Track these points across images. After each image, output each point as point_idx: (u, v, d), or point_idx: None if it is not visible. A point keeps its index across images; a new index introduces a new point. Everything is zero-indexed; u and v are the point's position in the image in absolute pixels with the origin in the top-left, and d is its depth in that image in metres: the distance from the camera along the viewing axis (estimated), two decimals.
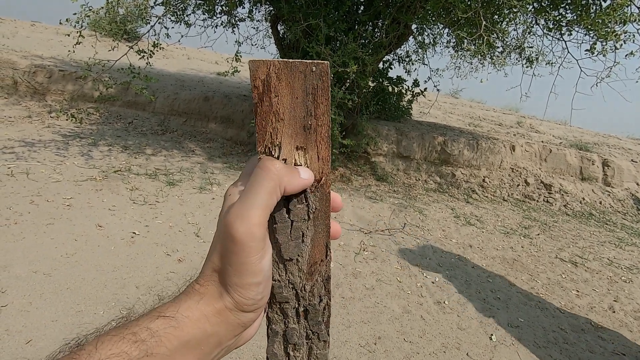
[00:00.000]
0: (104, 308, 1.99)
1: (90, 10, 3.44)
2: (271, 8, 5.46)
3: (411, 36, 5.74)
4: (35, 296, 1.98)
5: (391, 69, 6.14)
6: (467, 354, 2.09)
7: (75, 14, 3.43)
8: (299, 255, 0.37)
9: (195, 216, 3.22)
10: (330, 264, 0.39)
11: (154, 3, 4.22)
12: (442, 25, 5.79)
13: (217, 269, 0.32)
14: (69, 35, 3.69)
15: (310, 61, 0.34)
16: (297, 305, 0.38)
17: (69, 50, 3.96)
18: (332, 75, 4.22)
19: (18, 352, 1.63)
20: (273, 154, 0.36)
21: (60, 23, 3.53)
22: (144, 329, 0.29)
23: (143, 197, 3.38)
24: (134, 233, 2.77)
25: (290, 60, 0.34)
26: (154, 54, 4.31)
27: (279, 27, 5.66)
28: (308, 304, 0.39)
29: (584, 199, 5.60)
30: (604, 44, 4.28)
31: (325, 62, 0.34)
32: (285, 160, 0.36)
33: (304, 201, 0.36)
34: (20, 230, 2.52)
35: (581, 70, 4.60)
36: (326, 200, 0.37)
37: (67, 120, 5.27)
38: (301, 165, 0.36)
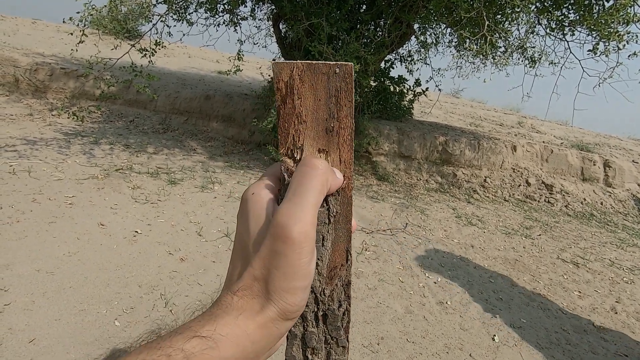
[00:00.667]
0: (107, 307, 1.98)
1: (93, 8, 3.43)
2: (273, 7, 5.45)
3: (413, 36, 5.73)
4: (38, 295, 1.98)
5: (393, 68, 6.14)
6: (469, 355, 2.09)
7: (78, 12, 3.42)
8: (318, 259, 0.37)
9: (197, 215, 3.21)
10: (351, 269, 0.38)
11: (156, 1, 4.21)
12: (444, 25, 5.78)
13: (259, 276, 0.30)
14: (71, 34, 3.68)
15: (334, 63, 0.33)
16: (316, 309, 0.38)
17: (72, 49, 3.95)
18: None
19: (21, 351, 1.63)
20: (295, 156, 0.36)
21: (63, 22, 3.52)
22: (178, 351, 0.27)
23: (145, 196, 3.38)
24: (136, 232, 2.77)
25: (314, 62, 0.34)
26: (156, 52, 4.30)
27: (280, 26, 5.65)
28: (327, 308, 0.38)
29: (585, 199, 5.60)
30: (607, 44, 4.27)
31: (350, 63, 0.33)
32: None
33: (325, 204, 0.36)
34: (23, 229, 2.52)
35: (583, 71, 4.60)
36: (348, 204, 0.37)
37: (68, 118, 5.27)
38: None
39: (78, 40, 3.64)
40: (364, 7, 5.30)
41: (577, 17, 4.56)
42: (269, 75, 5.97)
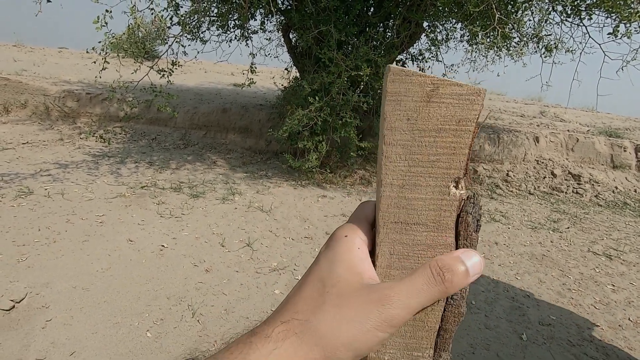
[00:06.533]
0: (139, 319, 2.09)
1: (113, 37, 3.64)
2: (282, 18, 5.56)
3: (423, 34, 5.69)
4: (76, 310, 2.10)
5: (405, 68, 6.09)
6: (497, 355, 2.06)
7: (100, 42, 3.64)
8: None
9: (220, 226, 3.31)
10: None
11: (171, 24, 4.40)
12: (454, 21, 5.71)
13: (326, 321, 0.30)
14: (94, 62, 3.92)
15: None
16: None
17: (96, 76, 4.19)
18: (346, 79, 4.25)
19: None
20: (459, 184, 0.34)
21: (87, 52, 3.75)
22: None
23: (169, 211, 3.51)
24: (163, 246, 2.89)
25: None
26: (173, 72, 4.48)
27: (290, 36, 5.75)
28: None
29: (616, 187, 5.35)
30: (628, 25, 4.10)
31: (481, 90, 0.33)
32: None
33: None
34: (59, 248, 2.68)
35: (605, 55, 4.42)
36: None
37: (96, 141, 5.55)
38: (462, 190, 0.34)
39: (101, 68, 3.86)
40: (372, 10, 5.32)
41: (594, 0, 4.40)
42: (282, 85, 6.09)
